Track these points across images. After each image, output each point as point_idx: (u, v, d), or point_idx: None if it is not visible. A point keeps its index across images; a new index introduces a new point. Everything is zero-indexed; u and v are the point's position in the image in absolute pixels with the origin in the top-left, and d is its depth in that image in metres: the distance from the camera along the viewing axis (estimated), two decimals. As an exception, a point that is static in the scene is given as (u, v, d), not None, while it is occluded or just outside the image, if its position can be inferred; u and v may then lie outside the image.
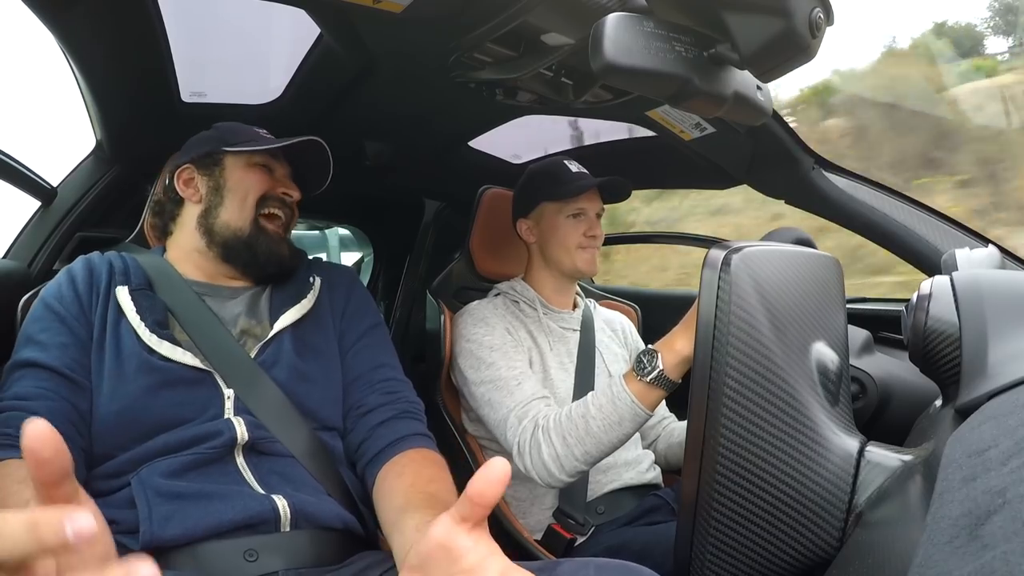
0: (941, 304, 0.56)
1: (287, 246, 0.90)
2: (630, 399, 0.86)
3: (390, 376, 0.89)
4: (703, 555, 0.51)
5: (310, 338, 0.85)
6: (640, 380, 0.86)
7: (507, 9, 0.71)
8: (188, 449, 0.71)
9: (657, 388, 0.85)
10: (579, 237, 1.15)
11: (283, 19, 0.85)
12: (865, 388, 1.16)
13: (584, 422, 0.89)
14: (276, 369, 0.80)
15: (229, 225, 0.85)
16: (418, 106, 1.15)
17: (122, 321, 0.76)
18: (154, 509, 0.66)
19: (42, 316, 0.75)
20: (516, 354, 1.08)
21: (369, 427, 0.83)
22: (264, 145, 0.85)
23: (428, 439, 0.83)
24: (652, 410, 0.87)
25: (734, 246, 0.54)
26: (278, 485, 0.72)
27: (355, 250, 2.71)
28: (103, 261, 0.82)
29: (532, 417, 0.96)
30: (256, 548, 0.66)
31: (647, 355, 0.86)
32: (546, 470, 0.92)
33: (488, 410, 1.04)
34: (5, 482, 0.61)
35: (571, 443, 0.89)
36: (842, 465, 0.52)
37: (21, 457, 0.61)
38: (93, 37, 0.82)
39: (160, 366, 0.73)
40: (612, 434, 0.88)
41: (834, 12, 0.51)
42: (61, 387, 0.70)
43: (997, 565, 0.25)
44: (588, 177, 1.16)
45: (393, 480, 0.74)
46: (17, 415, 0.66)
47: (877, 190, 1.14)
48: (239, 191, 0.86)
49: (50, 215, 1.11)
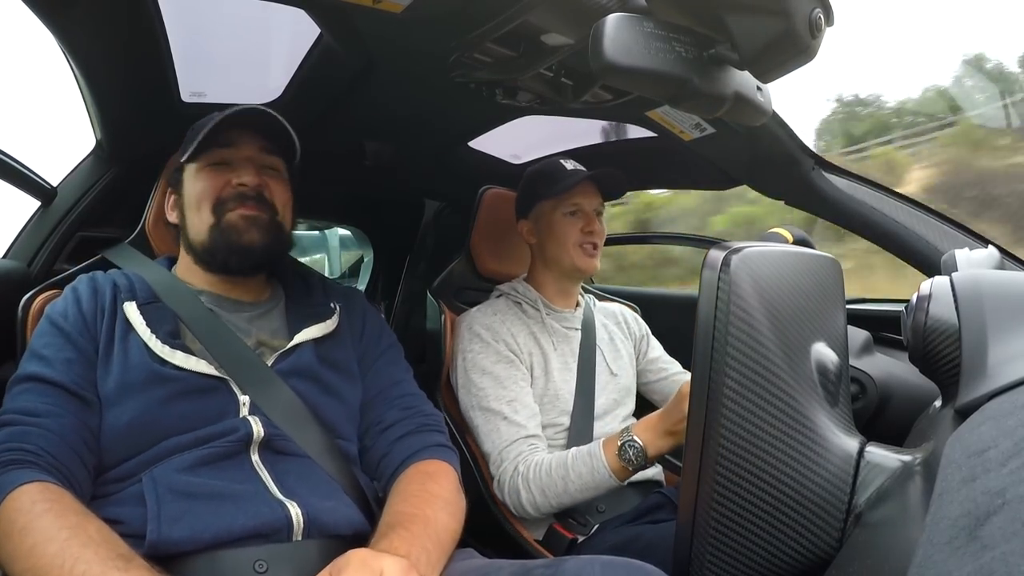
0: (941, 304, 0.56)
1: (260, 231, 0.82)
2: (607, 473, 0.95)
3: (408, 391, 0.91)
4: (703, 555, 0.51)
5: (332, 354, 0.85)
6: (622, 464, 0.94)
7: (507, 9, 0.71)
8: (203, 444, 0.71)
9: (637, 470, 0.95)
10: (576, 234, 1.15)
11: (283, 19, 0.85)
12: (865, 388, 1.16)
13: (563, 483, 0.97)
14: (296, 379, 0.80)
15: (197, 239, 0.84)
16: (418, 106, 1.15)
17: (130, 335, 0.75)
18: (163, 508, 0.65)
19: (47, 332, 0.75)
20: (509, 377, 1.09)
21: (388, 442, 0.84)
22: (202, 136, 0.79)
23: (443, 449, 0.85)
24: (627, 481, 0.98)
25: (734, 246, 0.54)
26: (295, 486, 0.72)
27: (355, 250, 2.71)
28: (107, 280, 0.81)
29: (514, 459, 1.02)
30: (266, 559, 0.65)
31: (632, 446, 0.94)
32: (523, 509, 1.01)
33: (476, 435, 1.10)
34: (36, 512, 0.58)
35: (549, 496, 0.98)
36: (842, 466, 0.52)
37: (42, 480, 0.61)
38: (93, 37, 0.82)
39: (173, 376, 0.73)
40: (588, 494, 0.98)
41: (834, 12, 0.51)
42: (70, 404, 0.69)
43: (996, 566, 0.25)
44: (581, 172, 1.16)
45: (391, 497, 0.77)
46: (30, 431, 0.65)
47: (877, 190, 1.14)
48: (194, 203, 0.84)
49: (50, 215, 1.11)
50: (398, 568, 0.57)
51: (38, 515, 0.58)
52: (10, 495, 0.60)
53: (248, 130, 0.85)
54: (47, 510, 0.59)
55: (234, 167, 0.84)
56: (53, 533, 0.57)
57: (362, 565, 0.56)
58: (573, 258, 1.15)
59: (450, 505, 0.75)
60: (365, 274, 2.16)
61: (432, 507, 0.73)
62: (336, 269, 3.30)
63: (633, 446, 0.93)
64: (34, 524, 0.57)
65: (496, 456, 1.04)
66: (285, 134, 0.84)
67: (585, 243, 1.15)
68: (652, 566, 0.62)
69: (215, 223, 0.82)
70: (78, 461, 0.67)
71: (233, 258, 0.82)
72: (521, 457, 1.02)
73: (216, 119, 0.80)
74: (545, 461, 0.99)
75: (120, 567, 0.55)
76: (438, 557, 0.67)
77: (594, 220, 1.16)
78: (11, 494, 0.60)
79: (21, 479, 0.61)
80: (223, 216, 0.82)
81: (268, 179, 0.85)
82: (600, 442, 0.98)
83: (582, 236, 1.15)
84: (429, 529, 0.69)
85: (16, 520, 0.58)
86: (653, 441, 0.93)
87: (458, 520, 0.75)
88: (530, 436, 1.04)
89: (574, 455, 0.98)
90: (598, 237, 1.16)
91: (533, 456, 1.01)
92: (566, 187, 1.13)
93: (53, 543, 0.56)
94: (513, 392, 1.07)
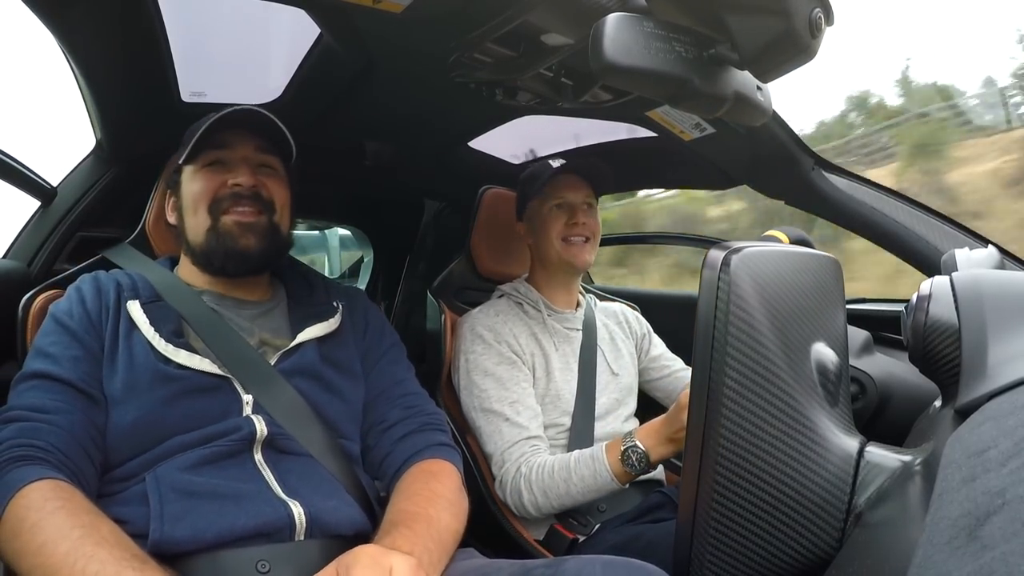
0: (941, 304, 0.56)
1: (256, 235, 0.82)
2: (610, 477, 0.96)
3: (410, 391, 0.91)
4: (703, 555, 0.51)
5: (335, 353, 0.85)
6: (625, 469, 0.95)
7: (507, 9, 0.71)
8: (206, 444, 0.71)
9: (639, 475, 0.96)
10: (561, 227, 1.15)
11: (283, 19, 0.85)
12: (865, 388, 1.16)
13: (566, 485, 0.97)
14: (299, 378, 0.80)
15: (195, 240, 0.84)
16: (418, 106, 1.15)
17: (134, 333, 0.75)
18: (166, 507, 0.65)
19: (52, 330, 0.74)
20: (512, 378, 1.09)
21: (391, 441, 0.85)
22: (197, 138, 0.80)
23: (445, 448, 0.85)
24: (628, 484, 0.99)
25: (734, 246, 0.54)
26: (297, 485, 0.72)
27: (355, 250, 2.70)
28: (110, 279, 0.82)
29: (516, 461, 1.03)
30: (268, 558, 0.65)
31: (635, 451, 0.94)
32: (524, 510, 1.02)
33: (478, 436, 1.10)
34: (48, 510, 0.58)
35: (551, 497, 0.99)
36: (842, 466, 0.52)
37: (53, 477, 0.61)
38: (93, 37, 0.82)
39: (176, 375, 0.73)
40: (589, 496, 0.98)
41: (834, 12, 0.51)
42: (77, 401, 0.69)
43: (996, 566, 0.25)
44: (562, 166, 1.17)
45: (395, 495, 0.77)
46: (40, 427, 0.65)
47: (877, 190, 1.14)
48: (191, 204, 0.84)
49: (50, 215, 1.11)
50: (407, 567, 0.56)
51: (50, 513, 0.58)
52: (20, 491, 0.59)
53: (243, 130, 0.85)
54: (59, 508, 0.58)
55: (230, 167, 0.84)
56: (66, 531, 0.56)
57: (372, 562, 0.56)
58: (559, 251, 1.16)
59: (453, 505, 0.75)
60: (365, 274, 2.16)
61: (435, 506, 0.73)
62: (336, 269, 3.30)
63: (636, 451, 0.93)
64: (45, 522, 0.57)
65: (498, 457, 1.05)
66: (280, 133, 0.84)
67: (571, 236, 1.15)
68: (653, 565, 0.62)
69: (211, 226, 0.82)
70: (86, 458, 0.67)
71: (230, 263, 0.83)
72: (523, 458, 1.02)
73: (210, 120, 0.80)
74: (548, 463, 1.00)
75: (136, 567, 0.55)
76: (440, 556, 0.67)
77: (579, 212, 1.16)
78: (21, 491, 0.59)
79: (32, 475, 0.60)
80: (219, 219, 0.82)
81: (265, 178, 0.85)
82: (603, 446, 0.98)
83: (566, 229, 1.15)
84: (432, 528, 0.69)
85: (26, 517, 0.57)
86: (655, 447, 0.93)
87: (460, 520, 0.75)
88: (532, 437, 1.05)
89: (577, 458, 0.98)
90: (584, 229, 1.16)
91: (535, 457, 1.02)
92: (544, 181, 1.15)
93: (65, 541, 0.55)
94: (515, 394, 1.07)
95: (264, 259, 0.85)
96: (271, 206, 0.85)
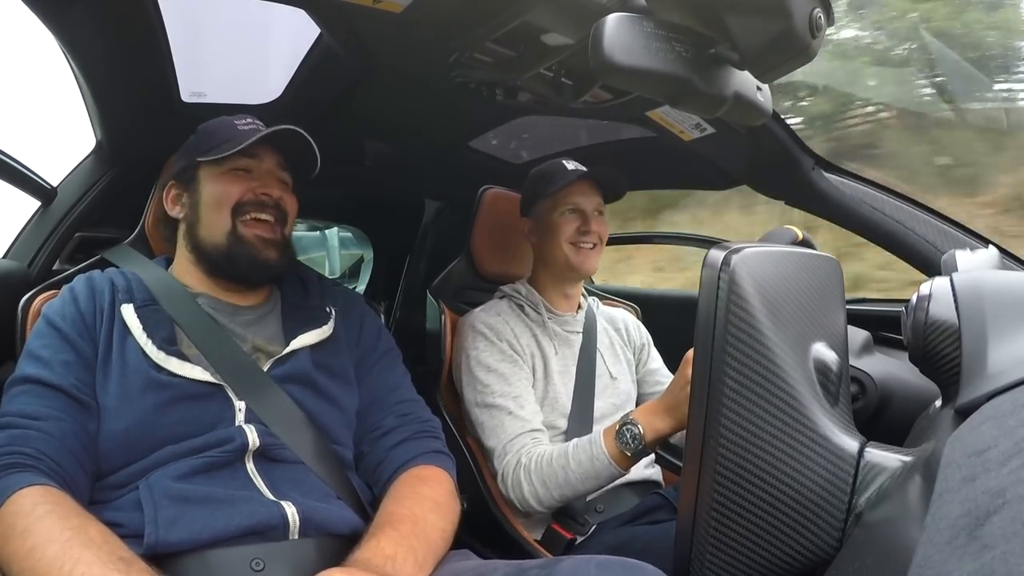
0: (941, 304, 0.56)
1: (276, 249, 0.86)
2: (607, 460, 0.94)
3: (405, 397, 0.91)
4: (703, 555, 0.51)
5: (328, 360, 0.85)
6: (620, 448, 0.93)
7: (507, 9, 0.71)
8: (198, 454, 0.71)
9: (636, 456, 0.93)
10: (572, 233, 1.15)
11: (283, 19, 0.85)
12: (865, 388, 1.16)
13: (564, 472, 0.96)
14: (292, 385, 0.80)
15: (209, 240, 0.84)
16: (418, 106, 1.15)
17: (128, 339, 0.75)
18: (160, 512, 0.65)
19: (45, 332, 0.74)
20: (514, 374, 1.09)
21: (385, 448, 0.84)
22: (235, 147, 0.81)
23: (439, 455, 0.85)
24: (628, 469, 0.96)
25: (734, 246, 0.54)
26: (288, 491, 0.72)
27: (355, 250, 2.71)
28: (104, 279, 0.81)
29: (516, 452, 1.02)
30: (263, 557, 0.65)
31: (630, 430, 0.92)
32: (526, 503, 1.00)
33: (480, 432, 1.09)
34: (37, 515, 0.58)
35: (551, 487, 0.98)
36: (842, 465, 0.52)
37: (42, 483, 0.61)
38: (93, 37, 0.82)
39: (169, 382, 0.73)
40: (589, 484, 0.96)
41: (833, 12, 0.51)
42: (69, 408, 0.69)
43: (996, 566, 0.25)
44: (579, 170, 1.16)
45: (384, 499, 0.77)
46: (30, 435, 0.65)
47: (877, 190, 1.14)
48: (212, 204, 0.84)
49: (50, 215, 1.11)
50: None
51: (40, 517, 0.58)
52: (10, 498, 0.60)
53: (269, 145, 0.87)
54: (49, 512, 0.59)
55: (256, 177, 0.86)
56: (55, 535, 0.57)
57: None
58: (567, 255, 1.15)
59: (441, 507, 0.75)
60: (365, 274, 2.16)
61: (422, 507, 0.73)
62: (336, 269, 3.30)
63: (631, 429, 0.92)
64: (35, 526, 0.57)
65: (500, 450, 1.04)
66: (310, 157, 0.87)
67: (580, 242, 1.15)
68: (648, 564, 0.62)
69: (231, 229, 0.83)
70: (77, 465, 0.67)
71: (255, 272, 0.85)
72: (524, 449, 1.01)
73: (259, 134, 0.82)
74: (547, 452, 0.99)
75: (121, 569, 0.55)
76: (426, 556, 0.67)
77: (591, 219, 1.16)
78: (11, 497, 0.60)
79: (21, 483, 0.61)
80: (237, 224, 0.83)
81: (283, 192, 0.88)
82: (601, 430, 0.98)
83: (576, 234, 1.15)
84: (417, 529, 0.69)
85: (16, 524, 0.58)
86: (651, 422, 0.91)
87: (450, 521, 0.75)
88: (534, 430, 1.04)
89: (575, 444, 0.98)
90: (595, 236, 1.16)
91: (536, 448, 1.01)
92: (560, 185, 1.14)
93: (54, 544, 0.56)
94: (518, 389, 1.07)
95: (282, 270, 0.88)
96: (286, 219, 0.88)
